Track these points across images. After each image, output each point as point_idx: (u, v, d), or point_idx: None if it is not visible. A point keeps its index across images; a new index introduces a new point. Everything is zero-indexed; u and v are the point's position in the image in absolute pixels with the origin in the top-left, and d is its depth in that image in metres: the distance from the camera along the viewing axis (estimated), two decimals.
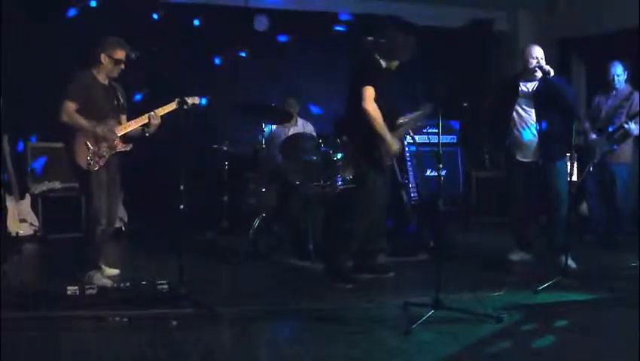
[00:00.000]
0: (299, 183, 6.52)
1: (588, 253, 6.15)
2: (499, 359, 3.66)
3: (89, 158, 5.02)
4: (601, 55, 7.31)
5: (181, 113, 4.96)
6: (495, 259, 6.11)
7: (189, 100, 5.04)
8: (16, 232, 6.90)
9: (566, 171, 5.53)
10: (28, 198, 7.16)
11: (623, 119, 6.47)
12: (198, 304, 4.43)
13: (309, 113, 7.87)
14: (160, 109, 5.22)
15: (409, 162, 6.30)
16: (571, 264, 5.41)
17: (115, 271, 5.43)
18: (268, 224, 6.53)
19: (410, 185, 6.37)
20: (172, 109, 5.17)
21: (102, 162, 5.09)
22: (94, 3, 7.34)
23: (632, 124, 6.35)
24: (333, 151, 6.38)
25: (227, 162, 7.30)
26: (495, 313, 4.24)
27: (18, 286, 5.08)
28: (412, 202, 6.37)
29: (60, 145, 5.36)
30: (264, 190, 6.62)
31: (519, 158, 5.82)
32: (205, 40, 7.93)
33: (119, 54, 5.15)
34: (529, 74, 5.74)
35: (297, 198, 6.41)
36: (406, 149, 6.85)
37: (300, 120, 7.41)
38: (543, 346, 3.83)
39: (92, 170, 5.04)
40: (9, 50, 7.25)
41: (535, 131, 5.71)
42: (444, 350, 3.71)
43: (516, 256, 6.01)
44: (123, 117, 5.36)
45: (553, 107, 5.66)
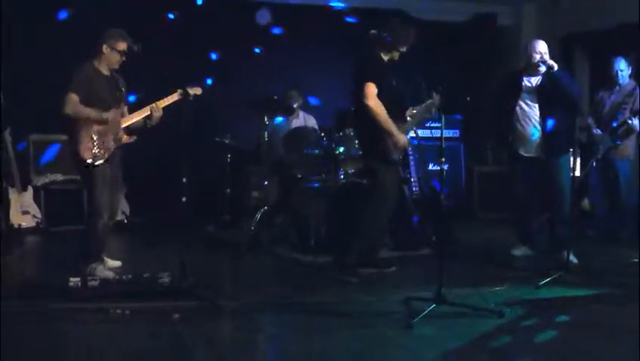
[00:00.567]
0: (301, 176, 6.53)
1: (590, 249, 6.15)
2: (501, 353, 3.65)
3: (93, 151, 5.02)
4: (605, 50, 7.29)
5: (184, 106, 4.95)
6: (497, 253, 6.12)
7: (191, 90, 5.03)
8: (19, 224, 6.91)
9: (569, 167, 5.52)
10: (30, 190, 7.17)
11: (626, 114, 6.45)
12: (200, 297, 4.44)
13: (307, 104, 7.84)
14: (162, 100, 5.22)
15: (411, 157, 6.28)
16: (573, 259, 5.41)
17: (117, 264, 5.44)
18: (270, 217, 6.53)
19: (412, 179, 6.35)
20: (174, 100, 5.17)
21: (106, 156, 5.09)
22: None
23: (636, 120, 6.33)
24: (335, 144, 6.38)
25: (229, 155, 7.30)
26: (497, 308, 4.24)
27: (20, 278, 5.10)
28: (415, 197, 6.36)
29: (62, 138, 5.36)
30: (266, 183, 6.63)
31: (522, 153, 5.81)
32: (207, 32, 7.93)
33: (121, 45, 5.14)
34: (533, 68, 5.72)
35: (299, 192, 6.41)
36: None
37: (302, 113, 7.40)
38: (544, 341, 3.83)
39: (96, 163, 5.04)
40: (11, 43, 7.25)
41: (539, 126, 5.70)
42: (446, 344, 3.71)
43: (519, 251, 6.01)
44: (124, 109, 5.35)
45: (556, 102, 5.65)
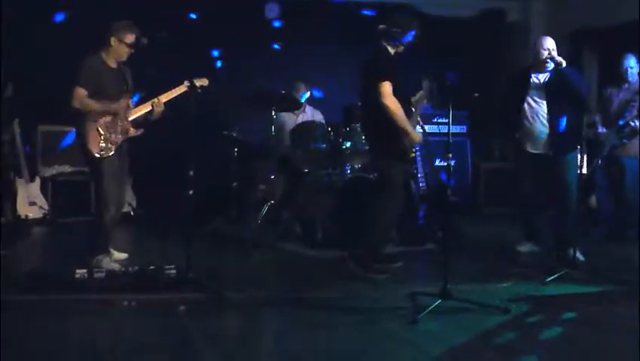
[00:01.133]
0: (308, 170, 6.53)
1: (596, 246, 6.14)
2: (506, 349, 3.66)
3: (101, 144, 5.03)
4: (614, 47, 7.26)
5: (192, 98, 4.96)
6: (503, 250, 6.11)
7: (197, 82, 5.04)
8: (26, 215, 6.94)
9: (576, 164, 5.50)
10: (38, 181, 7.19)
11: (634, 112, 6.43)
12: (206, 289, 4.45)
13: (311, 97, 7.82)
14: (166, 94, 5.22)
15: (418, 152, 6.28)
16: (579, 256, 5.40)
17: (124, 256, 5.45)
18: (276, 211, 6.54)
19: (419, 175, 6.35)
20: (181, 92, 5.17)
21: (114, 148, 5.09)
22: None
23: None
24: (342, 139, 6.38)
25: (236, 149, 7.30)
26: (503, 305, 4.24)
27: (26, 270, 5.12)
28: (421, 192, 6.36)
29: (68, 129, 5.37)
30: (273, 178, 6.63)
31: (529, 149, 5.79)
32: (214, 26, 7.95)
33: (129, 38, 5.13)
34: (541, 65, 5.70)
35: (305, 186, 6.42)
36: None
37: (309, 108, 7.39)
38: (550, 338, 3.83)
39: (103, 156, 5.05)
40: (19, 35, 7.27)
41: (546, 123, 5.68)
42: (451, 340, 3.71)
43: (524, 248, 6.00)
44: (131, 101, 5.35)
45: (564, 99, 5.63)
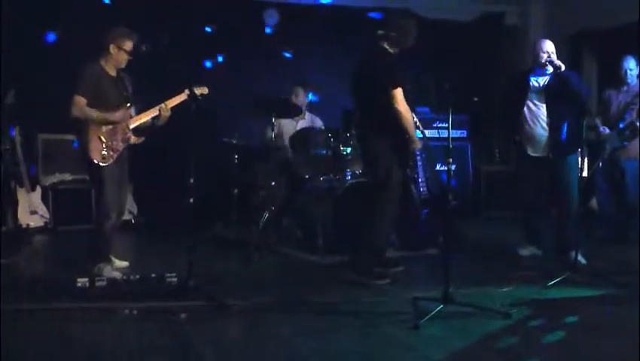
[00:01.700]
0: (308, 176, 6.53)
1: (598, 249, 6.13)
2: (508, 354, 3.65)
3: (102, 152, 5.02)
4: (614, 49, 7.26)
5: (192, 105, 4.96)
6: (505, 254, 6.10)
7: (197, 90, 5.04)
8: (27, 224, 6.94)
9: (577, 167, 5.50)
10: (38, 189, 7.20)
11: (634, 115, 6.43)
12: (207, 296, 4.45)
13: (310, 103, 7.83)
14: (170, 100, 5.22)
15: (418, 157, 6.28)
16: (581, 259, 5.39)
17: (125, 264, 5.45)
18: (277, 217, 6.53)
19: (420, 179, 6.35)
20: (182, 100, 5.18)
21: (114, 157, 5.10)
22: None
23: None
24: (342, 145, 6.39)
25: (236, 155, 7.30)
26: (505, 309, 4.23)
27: (28, 278, 5.12)
28: (422, 196, 6.36)
29: (71, 137, 5.38)
30: (274, 184, 6.63)
31: (529, 153, 5.80)
32: (214, 32, 7.98)
33: (128, 45, 5.14)
34: (540, 68, 5.71)
35: (306, 192, 6.41)
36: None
37: (309, 114, 7.40)
38: (552, 342, 3.82)
39: (104, 164, 5.05)
40: (20, 43, 7.29)
41: (546, 126, 5.69)
42: (453, 344, 3.70)
43: (526, 251, 6.00)
44: (131, 109, 5.35)
45: (564, 102, 5.63)
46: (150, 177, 7.45)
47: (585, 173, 5.47)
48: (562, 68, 5.56)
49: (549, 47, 5.68)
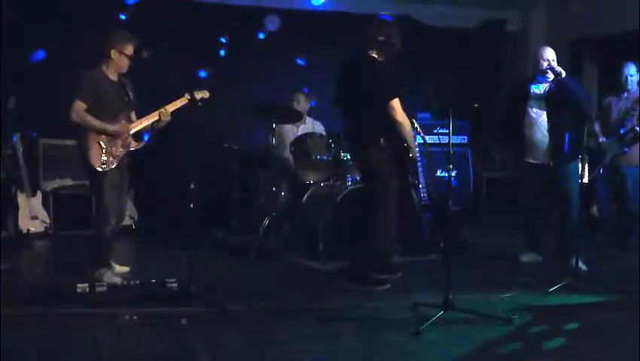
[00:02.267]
0: (309, 182, 6.53)
1: (598, 255, 6.12)
2: (509, 360, 3.64)
3: (103, 158, 5.02)
4: (615, 56, 7.27)
5: (193, 111, 4.96)
6: (506, 260, 6.10)
7: (198, 94, 5.04)
8: (28, 229, 6.93)
9: (578, 173, 5.50)
10: (39, 195, 7.19)
11: (634, 121, 6.44)
12: (208, 302, 4.44)
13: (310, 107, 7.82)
14: (171, 105, 5.22)
15: (419, 163, 6.29)
16: (582, 266, 5.39)
17: (125, 269, 5.44)
18: (278, 223, 6.53)
19: (421, 185, 6.35)
20: (182, 104, 5.17)
21: (115, 162, 5.10)
22: None
23: None
24: (342, 150, 6.39)
25: (237, 161, 7.30)
26: (505, 315, 4.23)
27: (28, 283, 5.11)
28: (423, 203, 6.36)
29: (72, 142, 5.37)
30: (274, 189, 6.63)
31: (530, 160, 5.80)
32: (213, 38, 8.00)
33: (129, 49, 5.14)
34: (540, 75, 5.72)
35: (307, 198, 6.41)
36: (417, 150, 6.86)
37: (309, 119, 7.40)
38: (553, 348, 3.82)
39: (104, 170, 5.05)
40: (21, 46, 7.30)
41: (546, 133, 5.69)
42: (454, 351, 3.70)
43: (527, 258, 6.00)
44: (132, 114, 5.35)
45: (564, 109, 5.64)
46: (151, 182, 7.45)
47: (585, 179, 5.47)
48: (563, 74, 5.56)
49: (549, 54, 5.69)
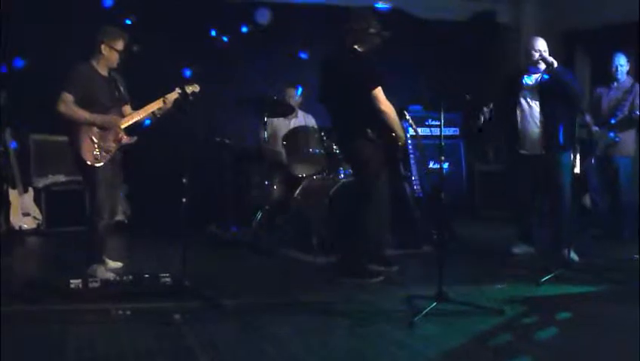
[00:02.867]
0: (301, 175, 6.53)
1: (591, 246, 6.15)
2: (502, 351, 3.65)
3: (95, 153, 5.01)
4: (606, 47, 7.28)
5: (184, 105, 4.95)
6: (498, 251, 6.12)
7: (189, 88, 5.03)
8: (20, 226, 6.92)
9: (570, 164, 5.52)
10: (31, 191, 7.17)
11: (625, 111, 6.46)
12: (201, 296, 4.44)
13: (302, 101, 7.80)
14: (163, 98, 5.21)
15: (411, 155, 6.30)
16: (574, 257, 5.41)
17: (118, 265, 5.44)
18: (271, 217, 6.53)
19: (413, 178, 6.36)
20: (174, 98, 5.16)
21: (107, 157, 5.08)
22: None
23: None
24: (335, 144, 6.39)
25: (230, 155, 7.29)
26: (498, 306, 4.25)
27: (21, 280, 5.10)
28: (415, 195, 6.37)
29: (64, 138, 5.35)
30: (267, 183, 6.62)
31: (522, 150, 5.81)
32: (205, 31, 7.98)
33: (119, 44, 5.13)
34: (532, 66, 5.72)
35: (299, 191, 6.41)
36: (409, 142, 6.86)
37: (301, 113, 7.39)
38: (545, 338, 3.83)
39: (96, 165, 5.03)
40: (13, 42, 7.26)
41: (539, 124, 5.70)
42: (447, 342, 3.71)
43: (519, 249, 6.01)
44: (126, 108, 5.33)
45: (557, 100, 5.65)
46: (144, 177, 7.43)
47: (577, 170, 5.49)
48: (555, 64, 5.57)
49: (541, 44, 5.69)
